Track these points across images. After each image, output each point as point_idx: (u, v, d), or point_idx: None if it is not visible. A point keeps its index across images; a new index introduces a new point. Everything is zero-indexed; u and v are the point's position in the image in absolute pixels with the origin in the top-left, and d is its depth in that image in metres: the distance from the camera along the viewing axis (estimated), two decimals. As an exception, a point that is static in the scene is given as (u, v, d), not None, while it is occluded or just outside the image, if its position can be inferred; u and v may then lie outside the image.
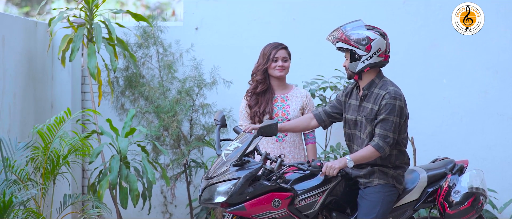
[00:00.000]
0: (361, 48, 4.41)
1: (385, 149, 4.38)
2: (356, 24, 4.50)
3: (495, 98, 6.58)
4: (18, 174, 5.46)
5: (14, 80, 6.26)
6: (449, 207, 4.52)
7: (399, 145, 4.51)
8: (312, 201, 4.37)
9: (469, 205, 4.51)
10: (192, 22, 6.89)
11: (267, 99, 5.16)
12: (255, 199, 4.25)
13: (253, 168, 4.28)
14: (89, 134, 5.99)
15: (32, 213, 5.38)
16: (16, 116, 6.27)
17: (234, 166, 4.30)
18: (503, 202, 6.43)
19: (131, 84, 6.73)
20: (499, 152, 6.59)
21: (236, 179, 4.24)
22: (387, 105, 4.41)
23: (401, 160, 4.53)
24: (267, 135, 4.28)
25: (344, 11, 6.70)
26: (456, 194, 4.51)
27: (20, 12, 12.70)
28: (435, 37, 6.63)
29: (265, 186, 4.28)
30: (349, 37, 4.42)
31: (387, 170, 4.49)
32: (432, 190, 4.62)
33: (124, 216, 6.58)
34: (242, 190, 4.23)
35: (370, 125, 4.46)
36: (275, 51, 5.13)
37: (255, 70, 5.21)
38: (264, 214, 4.28)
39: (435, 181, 4.65)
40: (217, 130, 4.66)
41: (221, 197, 4.24)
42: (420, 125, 6.62)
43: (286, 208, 4.31)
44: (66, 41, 6.31)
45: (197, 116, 6.65)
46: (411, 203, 4.60)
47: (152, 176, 5.97)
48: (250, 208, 4.25)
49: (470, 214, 4.53)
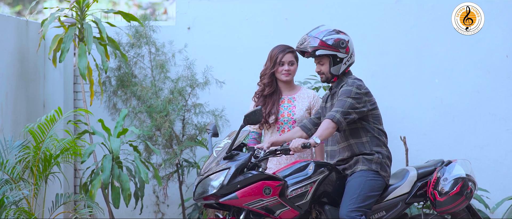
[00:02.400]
0: (341, 51, 4.66)
1: (338, 118, 4.53)
2: (325, 29, 4.73)
3: (487, 98, 6.59)
4: (10, 173, 5.45)
5: (6, 80, 6.24)
6: (439, 195, 4.64)
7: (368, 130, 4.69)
8: (303, 191, 4.51)
9: (458, 190, 4.62)
10: (185, 21, 6.88)
11: (274, 101, 5.24)
12: (247, 187, 4.39)
13: (242, 158, 4.44)
14: (81, 134, 5.99)
15: (24, 213, 5.37)
16: (8, 115, 6.25)
17: (224, 159, 4.45)
18: (495, 202, 6.44)
19: (123, 83, 6.72)
20: (491, 152, 6.61)
21: (225, 170, 4.40)
22: (343, 91, 4.64)
23: (377, 145, 4.69)
24: (253, 123, 4.43)
25: (336, 10, 6.71)
26: (444, 182, 4.65)
27: (12, 12, 12.67)
28: (427, 37, 6.64)
29: (255, 175, 4.42)
30: (326, 42, 4.65)
31: (370, 157, 4.65)
32: (422, 183, 4.76)
33: (116, 216, 6.57)
34: (233, 179, 4.37)
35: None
36: (282, 55, 5.21)
37: (263, 73, 5.30)
38: (256, 202, 4.40)
39: (425, 176, 4.80)
40: (209, 137, 4.81)
41: (214, 189, 4.38)
42: (412, 125, 6.63)
43: (277, 195, 4.44)
44: (57, 41, 6.29)
45: (189, 116, 6.65)
46: (402, 196, 4.72)
47: (144, 176, 5.96)
48: (242, 197, 4.37)
49: (460, 200, 4.65)
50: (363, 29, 6.65)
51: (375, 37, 6.67)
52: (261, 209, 4.43)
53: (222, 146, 4.54)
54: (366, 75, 6.62)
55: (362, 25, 6.67)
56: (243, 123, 4.42)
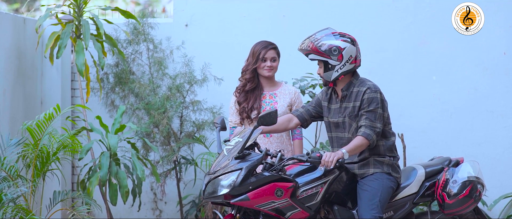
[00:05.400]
0: (333, 58, 4.53)
1: (373, 137, 4.48)
2: (325, 33, 4.60)
3: (485, 95, 6.60)
4: (7, 171, 5.45)
5: (3, 77, 6.24)
6: (448, 197, 4.63)
7: (385, 136, 4.63)
8: (314, 192, 4.46)
9: (467, 193, 4.61)
10: (182, 18, 6.88)
11: (256, 96, 5.27)
12: (258, 189, 4.32)
13: (254, 159, 4.37)
14: (78, 131, 5.98)
15: (21, 210, 5.37)
16: (5, 113, 6.24)
17: (235, 158, 4.38)
18: (493, 199, 6.45)
19: (121, 80, 6.71)
20: (489, 149, 6.61)
21: (238, 170, 4.32)
22: (369, 98, 4.55)
23: (390, 149, 4.65)
24: (267, 124, 4.37)
25: (334, 8, 6.71)
26: (454, 184, 4.63)
27: (9, 9, 12.65)
28: (425, 34, 6.64)
29: (267, 176, 4.36)
30: (319, 48, 4.53)
31: (382, 158, 4.60)
32: (430, 183, 4.74)
33: (114, 213, 6.57)
34: (245, 181, 4.30)
35: (355, 122, 4.58)
36: (264, 51, 5.25)
37: (245, 68, 5.34)
38: (268, 204, 4.34)
39: (432, 175, 4.78)
40: (217, 132, 4.73)
41: (225, 189, 4.31)
42: (410, 122, 6.63)
43: (288, 197, 4.37)
44: (54, 38, 6.28)
45: (187, 113, 6.64)
46: (410, 196, 4.71)
47: (141, 173, 5.96)
48: (254, 198, 4.31)
49: (469, 202, 4.64)
50: (361, 26, 6.65)
51: (373, 34, 6.67)
52: (272, 211, 4.38)
53: (233, 145, 4.49)
54: (364, 72, 6.62)
55: (360, 22, 6.67)
56: (256, 124, 4.38)
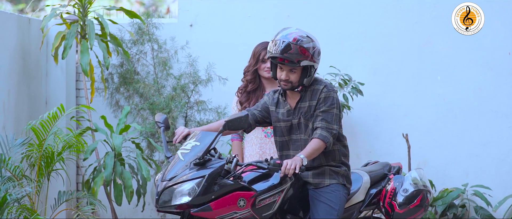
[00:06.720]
0: (317, 61, 4.29)
1: (329, 139, 4.20)
2: (301, 34, 4.30)
3: (490, 95, 6.59)
4: (12, 171, 5.45)
5: (8, 77, 6.25)
6: (398, 207, 4.49)
7: (339, 139, 4.38)
8: (271, 201, 4.14)
9: (418, 202, 4.50)
10: (187, 19, 6.88)
11: (257, 96, 5.26)
12: (221, 199, 3.98)
13: (216, 165, 4.01)
14: (83, 131, 5.98)
15: (26, 210, 5.38)
16: (10, 113, 6.25)
17: (195, 165, 4.02)
18: (498, 200, 6.44)
19: (125, 80, 6.72)
20: (493, 149, 6.60)
21: (199, 178, 3.96)
22: (326, 98, 4.27)
23: (344, 154, 4.40)
24: (235, 129, 4.07)
25: (339, 8, 6.70)
26: (404, 193, 4.49)
27: (14, 9, 12.68)
28: (430, 34, 6.63)
29: (230, 185, 4.01)
30: (309, 52, 4.24)
31: (337, 169, 4.36)
32: (376, 191, 4.57)
33: (118, 213, 6.58)
34: (208, 190, 3.95)
35: (311, 122, 4.31)
36: (264, 52, 5.24)
37: (246, 69, 5.31)
38: (230, 214, 4.01)
39: (376, 182, 4.61)
40: (162, 132, 4.37)
41: (185, 197, 3.94)
42: (414, 122, 6.63)
43: (250, 208, 4.06)
44: (59, 38, 6.30)
45: (192, 113, 6.65)
46: (357, 204, 4.52)
47: (146, 173, 5.97)
48: (216, 208, 3.96)
49: (419, 212, 4.53)
50: (365, 27, 6.64)
51: (377, 34, 6.66)
52: None
53: (190, 149, 4.10)
54: (368, 73, 6.64)
55: (364, 23, 6.66)
56: (222, 128, 4.03)
